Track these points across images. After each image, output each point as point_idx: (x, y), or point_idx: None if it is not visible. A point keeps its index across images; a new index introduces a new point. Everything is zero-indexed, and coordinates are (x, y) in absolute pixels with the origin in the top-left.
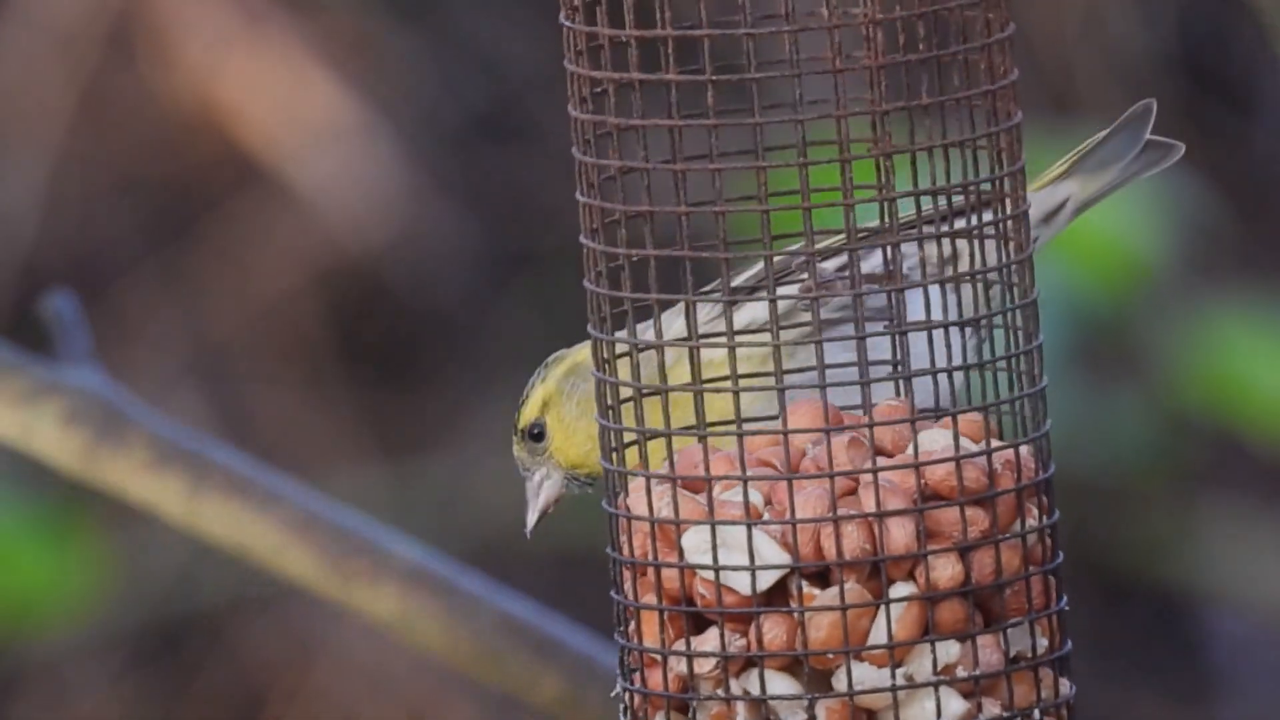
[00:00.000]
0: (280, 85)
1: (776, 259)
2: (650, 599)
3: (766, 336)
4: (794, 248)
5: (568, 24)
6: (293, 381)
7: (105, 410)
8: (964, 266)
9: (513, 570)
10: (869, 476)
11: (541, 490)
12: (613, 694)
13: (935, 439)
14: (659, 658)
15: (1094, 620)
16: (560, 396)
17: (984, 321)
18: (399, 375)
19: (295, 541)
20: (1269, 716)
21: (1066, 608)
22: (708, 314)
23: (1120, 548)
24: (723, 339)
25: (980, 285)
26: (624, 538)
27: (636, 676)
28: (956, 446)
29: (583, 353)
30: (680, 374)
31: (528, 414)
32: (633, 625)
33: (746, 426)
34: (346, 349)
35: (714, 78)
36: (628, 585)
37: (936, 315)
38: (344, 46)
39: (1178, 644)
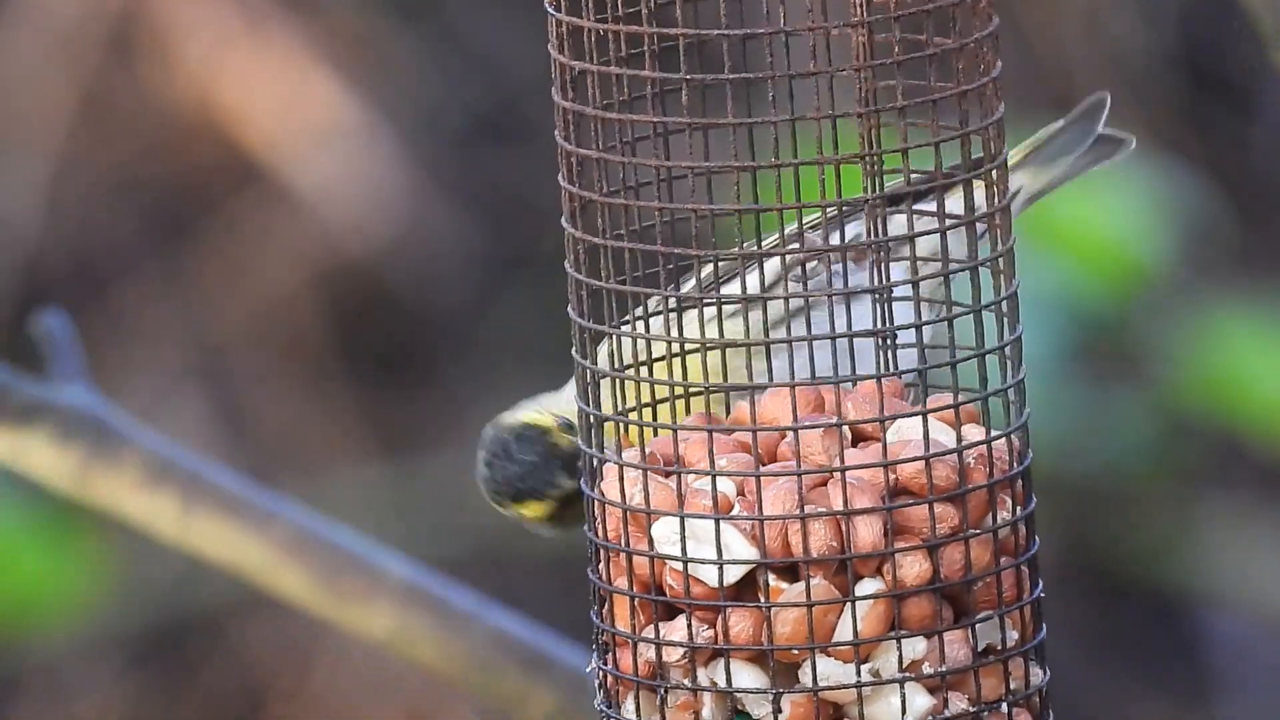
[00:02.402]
0: (280, 86)
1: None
2: (623, 583)
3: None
4: (774, 238)
5: (552, 11)
6: (293, 382)
7: (97, 429)
8: (953, 255)
9: (512, 570)
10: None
11: None
12: (588, 669)
13: (913, 426)
14: (630, 641)
15: (1094, 621)
16: None
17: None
18: (399, 375)
19: (288, 560)
20: (1269, 716)
21: (1042, 595)
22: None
23: (1120, 548)
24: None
25: (968, 274)
26: (599, 520)
27: (610, 656)
28: (926, 445)
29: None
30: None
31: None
32: (607, 606)
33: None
34: (346, 349)
35: (689, 77)
36: (602, 566)
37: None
38: (344, 46)
39: (1177, 644)
